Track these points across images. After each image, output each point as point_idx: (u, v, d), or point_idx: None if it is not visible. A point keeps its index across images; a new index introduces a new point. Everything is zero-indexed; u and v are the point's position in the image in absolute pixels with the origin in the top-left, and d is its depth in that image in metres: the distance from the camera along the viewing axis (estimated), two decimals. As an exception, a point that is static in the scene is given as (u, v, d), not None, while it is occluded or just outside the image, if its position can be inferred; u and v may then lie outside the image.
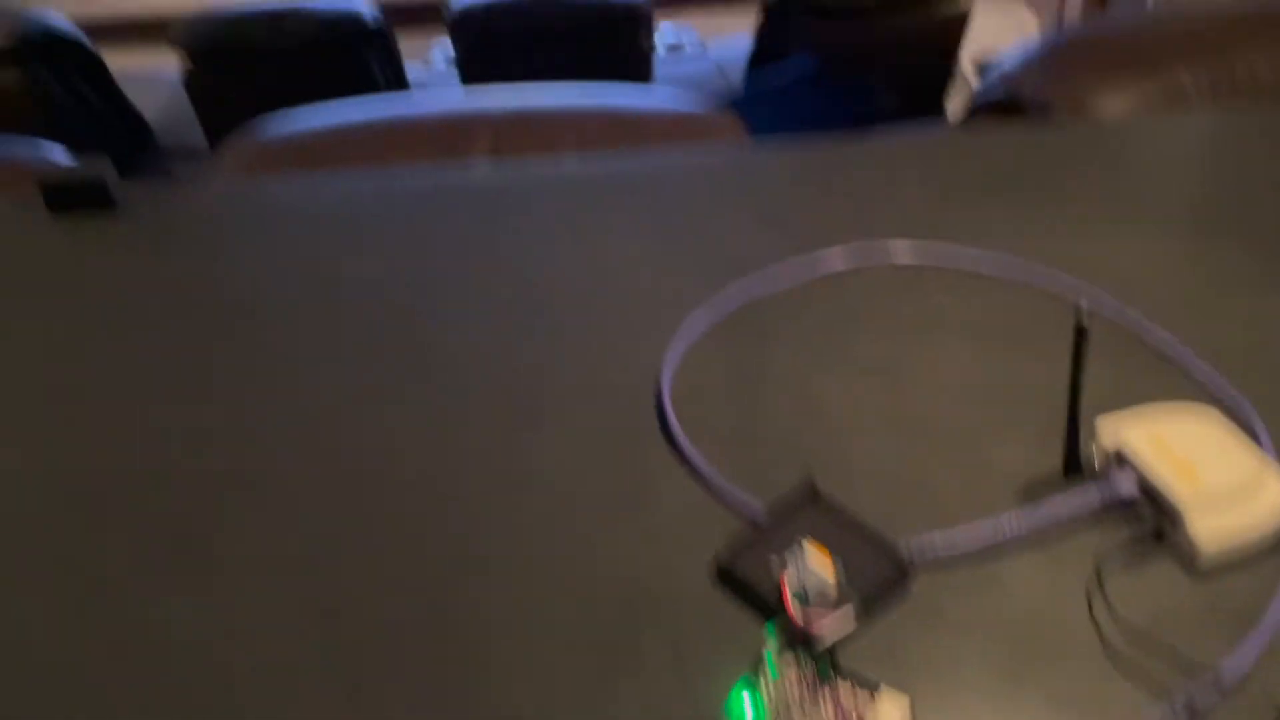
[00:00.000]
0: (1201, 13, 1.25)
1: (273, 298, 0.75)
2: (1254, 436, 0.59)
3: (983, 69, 2.53)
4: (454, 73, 3.29)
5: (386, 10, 3.17)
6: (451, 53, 3.26)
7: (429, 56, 3.77)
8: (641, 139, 1.05)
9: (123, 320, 0.74)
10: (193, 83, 2.79)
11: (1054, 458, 0.60)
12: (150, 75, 3.49)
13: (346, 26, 2.83)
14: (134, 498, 0.58)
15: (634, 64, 2.96)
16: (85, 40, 2.94)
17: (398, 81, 3.06)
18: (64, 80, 2.86)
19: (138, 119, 3.12)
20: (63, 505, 0.58)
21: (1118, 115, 1.07)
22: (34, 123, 2.79)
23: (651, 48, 2.99)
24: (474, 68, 3.00)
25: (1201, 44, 1.13)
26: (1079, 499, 0.55)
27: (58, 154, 1.12)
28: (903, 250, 0.79)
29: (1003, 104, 1.26)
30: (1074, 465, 0.58)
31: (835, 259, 0.78)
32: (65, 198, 0.83)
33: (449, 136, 1.05)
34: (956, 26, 2.85)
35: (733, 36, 3.53)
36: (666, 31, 3.75)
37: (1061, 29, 1.37)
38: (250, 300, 0.75)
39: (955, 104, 2.85)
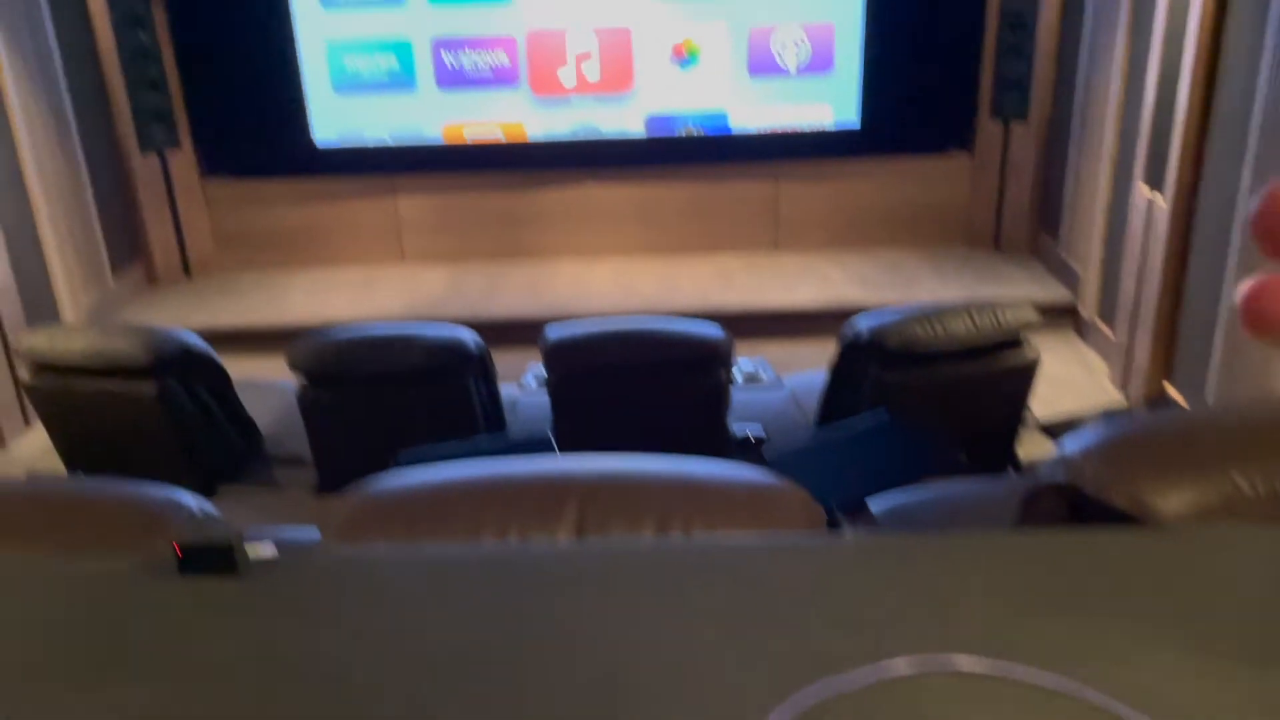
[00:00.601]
0: (1260, 413, 1.31)
1: (369, 670, 0.81)
2: None
3: (1049, 431, 2.61)
4: (544, 394, 3.49)
5: (486, 333, 3.44)
6: (544, 375, 3.48)
7: (523, 379, 4.02)
8: (720, 512, 1.13)
9: (231, 686, 0.80)
10: (305, 399, 3.02)
11: None
12: (267, 384, 3.79)
13: (451, 353, 3.06)
14: None
15: (713, 395, 3.11)
16: (214, 355, 3.24)
17: (493, 403, 3.27)
18: (190, 391, 3.12)
19: (251, 426, 3.36)
20: None
21: (1176, 516, 1.11)
22: (161, 429, 3.03)
23: (730, 380, 3.15)
24: (564, 392, 3.18)
25: (1259, 447, 1.19)
26: None
27: (187, 499, 1.23)
28: (968, 664, 0.82)
29: (1063, 489, 1.32)
30: None
31: (904, 666, 0.82)
32: (196, 562, 0.93)
33: (541, 501, 1.14)
34: (1025, 374, 2.97)
35: (808, 373, 3.71)
36: (743, 362, 3.95)
37: (1121, 418, 1.44)
38: (350, 674, 0.81)
39: (1025, 450, 2.92)
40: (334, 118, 5.64)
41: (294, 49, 5.47)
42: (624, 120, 5.64)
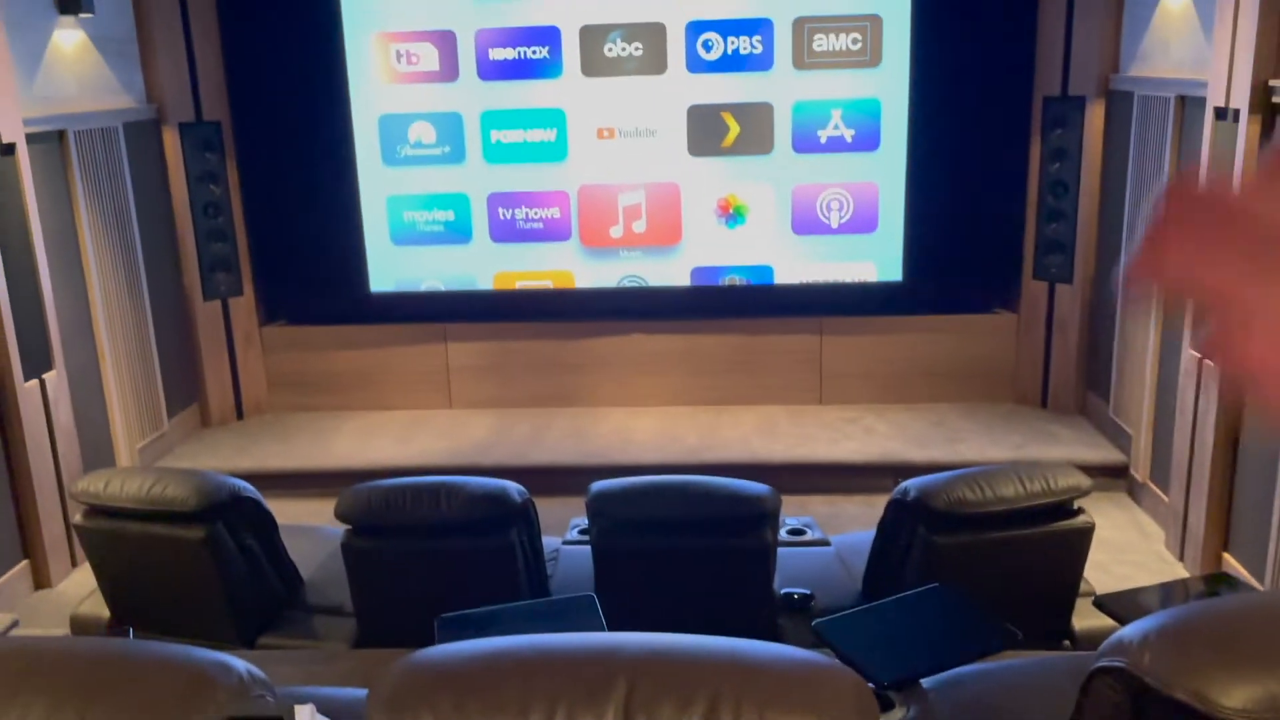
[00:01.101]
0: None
1: None
2: None
3: (1106, 607, 2.54)
4: (587, 545, 3.48)
5: (530, 479, 3.45)
6: (585, 525, 3.47)
7: (567, 533, 4.00)
8: (771, 696, 1.11)
9: None
10: (349, 547, 3.02)
11: None
12: (311, 530, 3.81)
13: (495, 504, 3.07)
14: None
15: (759, 554, 3.07)
16: (261, 501, 3.27)
17: (536, 555, 3.25)
18: (237, 537, 3.15)
19: (293, 574, 3.36)
20: None
21: (1239, 712, 1.07)
22: (206, 574, 3.05)
23: (777, 539, 3.12)
24: (607, 546, 3.16)
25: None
26: None
27: (235, 662, 1.24)
28: None
29: (1122, 674, 1.28)
30: None
31: None
32: (246, 736, 0.93)
33: (590, 679, 1.13)
34: (1079, 542, 2.90)
35: (855, 532, 3.67)
36: (789, 520, 3.91)
37: (1180, 600, 1.42)
38: None
39: (1081, 620, 2.83)
40: (390, 268, 5.84)
41: (356, 203, 5.73)
42: (670, 272, 5.78)
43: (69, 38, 4.65)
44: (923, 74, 5.42)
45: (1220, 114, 3.84)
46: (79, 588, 4.04)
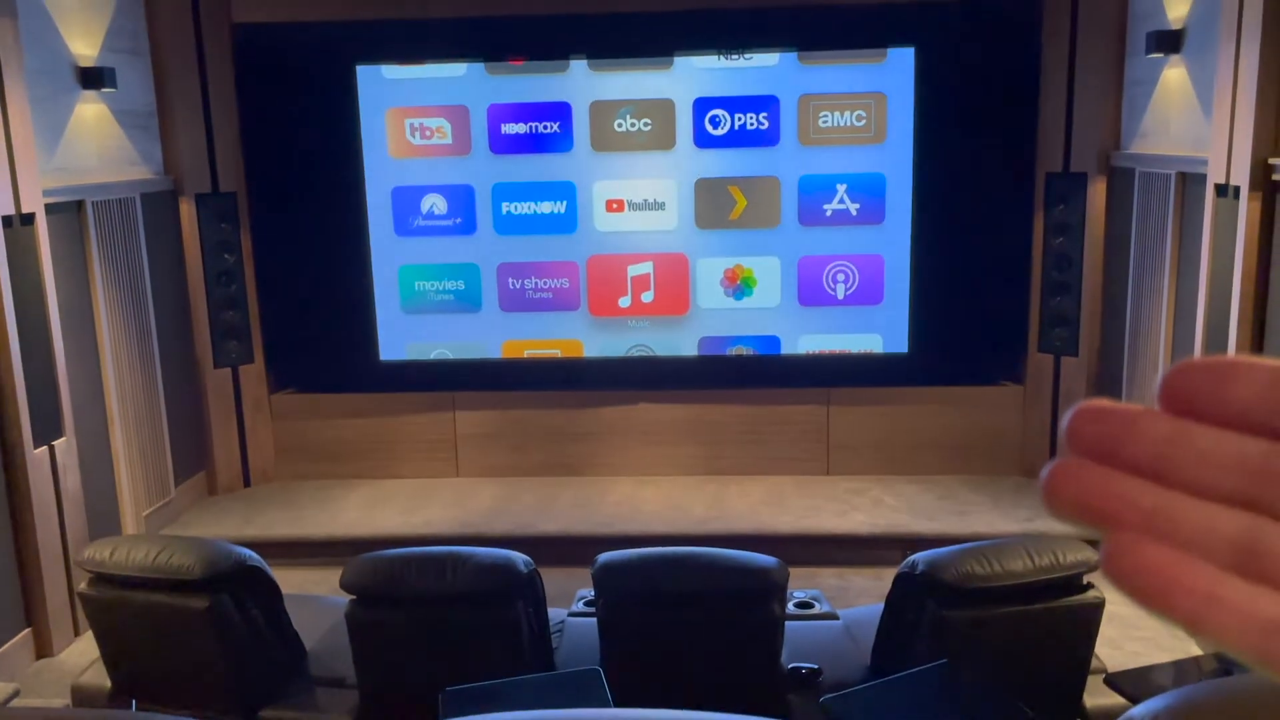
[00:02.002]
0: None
1: None
2: None
3: (1118, 685, 2.51)
4: (591, 616, 3.45)
5: (535, 548, 3.44)
6: (591, 597, 3.44)
7: (572, 602, 3.97)
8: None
9: None
10: (354, 617, 3.00)
11: None
12: (315, 600, 3.78)
13: (501, 574, 3.05)
14: None
15: (767, 627, 3.04)
16: (267, 570, 3.26)
17: (541, 627, 3.23)
18: (241, 607, 3.13)
19: (296, 644, 3.33)
20: None
21: (1256, 796, 1.06)
22: (209, 643, 3.03)
23: (784, 613, 3.09)
24: (613, 618, 3.13)
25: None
26: None
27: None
28: None
29: (1136, 755, 1.27)
30: None
31: None
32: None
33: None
34: (1089, 618, 2.87)
35: (863, 606, 3.63)
36: (796, 593, 3.88)
37: (1191, 678, 1.41)
38: None
39: (1092, 698, 2.79)
40: (400, 336, 5.89)
41: (368, 273, 5.79)
42: (678, 343, 5.81)
43: (91, 111, 4.76)
44: (927, 149, 5.50)
45: (1221, 191, 3.89)
46: (81, 657, 4.01)
